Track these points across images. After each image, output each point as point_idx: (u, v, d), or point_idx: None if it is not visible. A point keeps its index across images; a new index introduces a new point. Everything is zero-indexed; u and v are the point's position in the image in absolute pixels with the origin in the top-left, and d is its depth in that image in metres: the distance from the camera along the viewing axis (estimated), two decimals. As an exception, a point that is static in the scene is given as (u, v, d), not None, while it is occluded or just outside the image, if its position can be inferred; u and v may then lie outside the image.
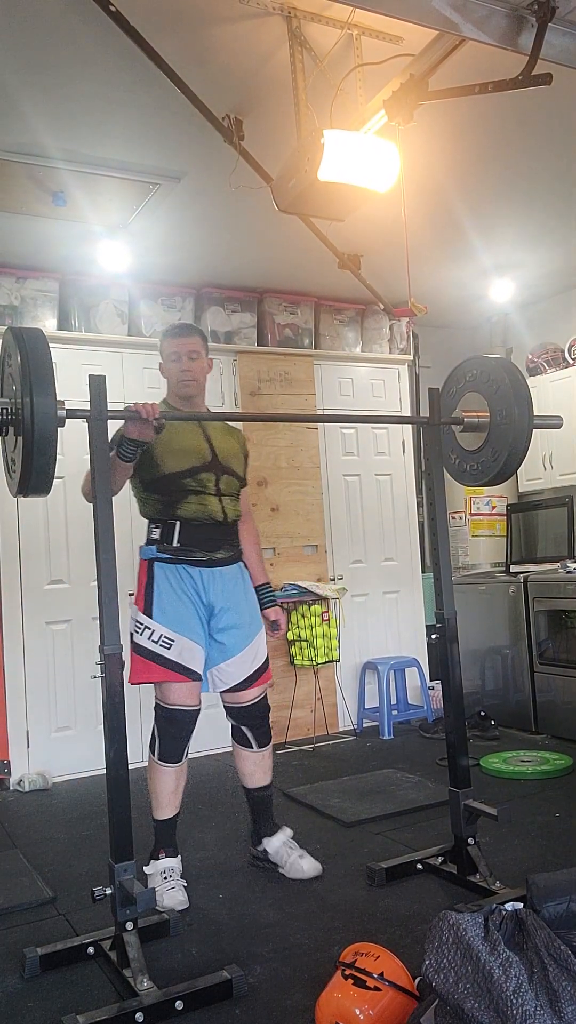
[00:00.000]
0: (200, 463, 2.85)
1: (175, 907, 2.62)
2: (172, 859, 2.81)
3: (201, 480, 2.84)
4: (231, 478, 2.93)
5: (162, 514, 2.84)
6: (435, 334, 6.03)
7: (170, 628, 2.77)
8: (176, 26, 2.57)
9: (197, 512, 2.82)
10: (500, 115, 3.18)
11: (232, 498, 2.93)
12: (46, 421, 2.06)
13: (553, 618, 4.72)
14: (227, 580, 2.88)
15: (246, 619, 2.91)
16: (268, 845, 2.95)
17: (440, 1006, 1.76)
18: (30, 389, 2.05)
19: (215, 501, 2.85)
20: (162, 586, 2.80)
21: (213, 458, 2.89)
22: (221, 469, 2.89)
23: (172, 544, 2.81)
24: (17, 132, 3.11)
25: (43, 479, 2.14)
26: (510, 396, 2.74)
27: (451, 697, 2.84)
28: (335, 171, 2.62)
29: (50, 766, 4.29)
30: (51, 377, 2.10)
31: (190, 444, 2.87)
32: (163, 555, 2.82)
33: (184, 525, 2.81)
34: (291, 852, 2.92)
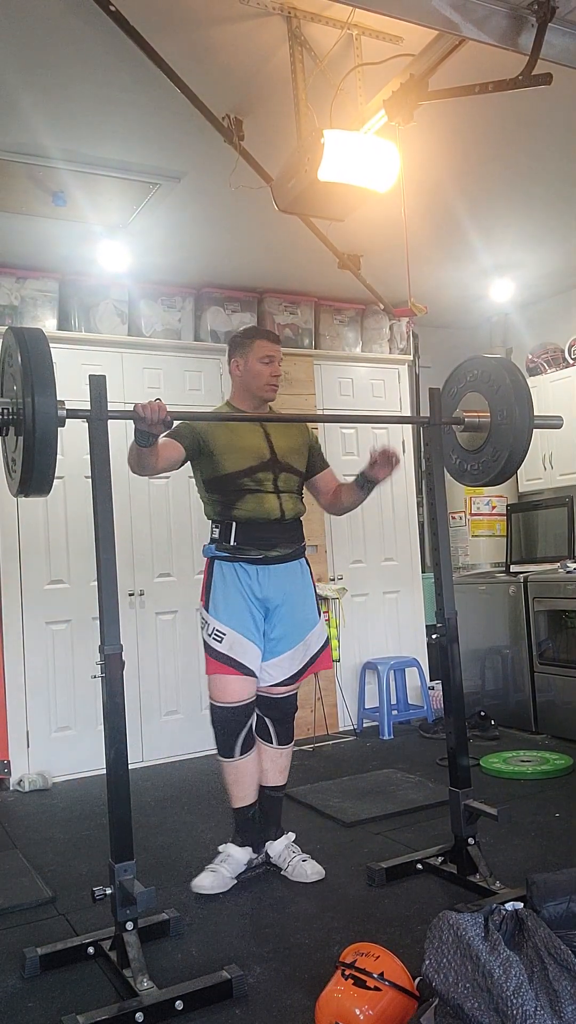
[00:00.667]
0: (258, 462, 2.89)
1: (197, 888, 2.77)
2: (236, 848, 2.90)
3: (259, 479, 2.88)
4: (290, 475, 2.96)
5: (221, 515, 2.91)
6: (435, 334, 6.03)
7: (222, 623, 2.86)
8: (176, 26, 2.57)
9: (254, 511, 2.87)
10: (500, 115, 3.18)
11: (292, 495, 2.97)
12: (46, 421, 2.06)
13: (553, 618, 4.72)
14: (283, 576, 2.92)
15: (300, 617, 2.95)
16: (271, 848, 2.95)
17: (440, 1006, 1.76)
18: (31, 389, 2.05)
19: (273, 499, 2.90)
20: (219, 583, 2.90)
21: (272, 456, 2.92)
22: (280, 467, 2.93)
23: (229, 543, 2.88)
24: (17, 132, 3.11)
25: (43, 479, 2.14)
26: (511, 396, 2.74)
27: (451, 697, 2.84)
28: (335, 171, 2.61)
29: (50, 766, 4.29)
30: (52, 377, 2.10)
31: (250, 443, 2.91)
32: (221, 553, 2.90)
33: (240, 524, 2.87)
34: (294, 855, 2.92)
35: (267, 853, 2.96)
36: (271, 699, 2.96)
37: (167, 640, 4.65)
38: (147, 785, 4.03)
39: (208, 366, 4.87)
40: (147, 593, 4.62)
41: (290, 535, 2.95)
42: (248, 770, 2.91)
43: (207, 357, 4.87)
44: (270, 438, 2.95)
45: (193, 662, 4.68)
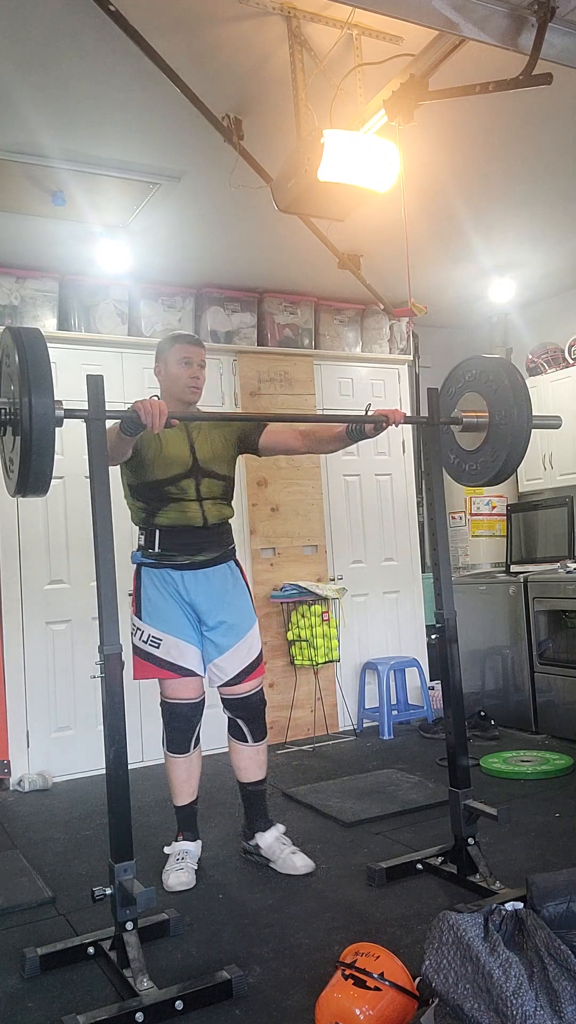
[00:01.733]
0: (182, 470, 2.90)
1: (175, 887, 2.80)
2: (189, 843, 2.98)
3: (181, 487, 2.90)
4: (213, 481, 2.95)
5: (145, 522, 2.95)
6: (435, 334, 6.03)
7: (157, 628, 2.91)
8: (176, 26, 2.57)
9: (177, 519, 2.90)
10: (500, 115, 3.18)
11: (216, 501, 2.96)
12: (44, 421, 2.06)
13: (553, 618, 4.72)
14: (211, 580, 2.95)
15: (235, 616, 2.98)
16: (261, 840, 2.98)
17: (440, 1006, 1.76)
18: (28, 389, 2.04)
19: (195, 507, 2.91)
20: (149, 589, 2.94)
21: (193, 463, 2.92)
22: (202, 473, 2.93)
23: (154, 549, 2.92)
24: (16, 132, 3.11)
25: (41, 479, 2.14)
26: (509, 396, 2.74)
27: (451, 697, 2.84)
28: (335, 171, 2.61)
29: (50, 766, 4.29)
30: (49, 377, 2.09)
31: (175, 452, 2.90)
32: (147, 560, 2.95)
33: (164, 531, 2.90)
34: (284, 848, 2.95)
35: (257, 844, 2.99)
36: (237, 699, 2.98)
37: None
38: (147, 785, 4.02)
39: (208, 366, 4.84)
40: (147, 593, 4.61)
41: (216, 540, 2.97)
42: (198, 764, 3.03)
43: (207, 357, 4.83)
44: (193, 446, 2.94)
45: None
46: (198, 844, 3.01)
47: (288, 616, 4.88)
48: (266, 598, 4.82)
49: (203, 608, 2.94)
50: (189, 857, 2.94)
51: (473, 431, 2.88)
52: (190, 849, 2.97)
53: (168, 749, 3.00)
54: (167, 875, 2.86)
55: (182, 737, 2.97)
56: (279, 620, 4.89)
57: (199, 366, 2.99)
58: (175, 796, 3.03)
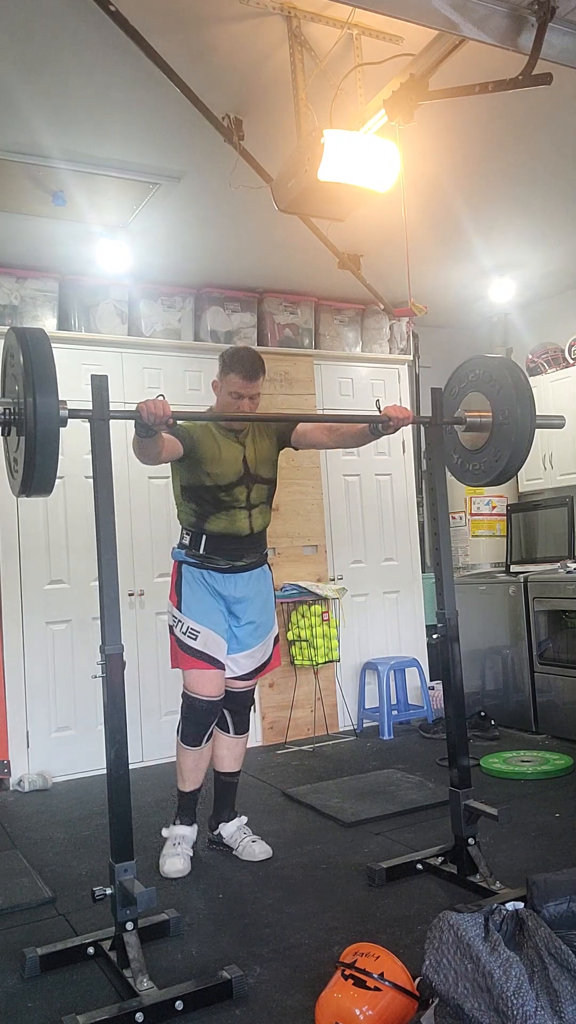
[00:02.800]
0: (235, 477, 2.98)
1: (171, 874, 2.91)
2: (186, 827, 3.10)
3: (234, 494, 2.98)
4: (261, 486, 3.06)
5: (194, 525, 3.04)
6: (435, 334, 6.02)
7: (196, 621, 3.03)
8: (176, 26, 2.57)
9: (225, 528, 3.00)
10: (500, 115, 3.18)
11: (262, 507, 3.08)
12: (48, 421, 2.06)
13: (553, 618, 4.72)
14: (248, 582, 3.10)
15: (263, 617, 3.14)
16: (223, 829, 3.14)
17: (440, 1006, 1.76)
18: (32, 389, 2.05)
19: (243, 516, 3.01)
20: (188, 584, 3.07)
21: (245, 470, 3.00)
22: (252, 479, 3.02)
23: (199, 551, 3.03)
24: (17, 132, 3.11)
25: (46, 479, 2.15)
26: (512, 396, 2.75)
27: (451, 697, 2.84)
28: (335, 171, 2.61)
29: (50, 766, 4.29)
30: (54, 377, 2.10)
31: (229, 456, 2.97)
32: (190, 560, 3.07)
33: (211, 537, 3.00)
34: (244, 836, 3.10)
35: (220, 834, 3.14)
36: (231, 693, 3.12)
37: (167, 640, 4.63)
38: (147, 785, 4.03)
39: (208, 366, 4.86)
40: (147, 593, 4.61)
41: (257, 546, 3.12)
42: (207, 757, 3.14)
43: (207, 357, 4.86)
44: (245, 451, 3.01)
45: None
46: (194, 829, 3.13)
47: (288, 616, 4.88)
48: (266, 598, 4.82)
49: (238, 607, 3.08)
50: (185, 843, 3.06)
51: (476, 431, 2.88)
52: (186, 834, 3.08)
53: (181, 739, 3.09)
54: (164, 860, 2.98)
55: (196, 731, 3.06)
56: (279, 620, 4.88)
57: (250, 399, 2.98)
58: (181, 782, 3.13)
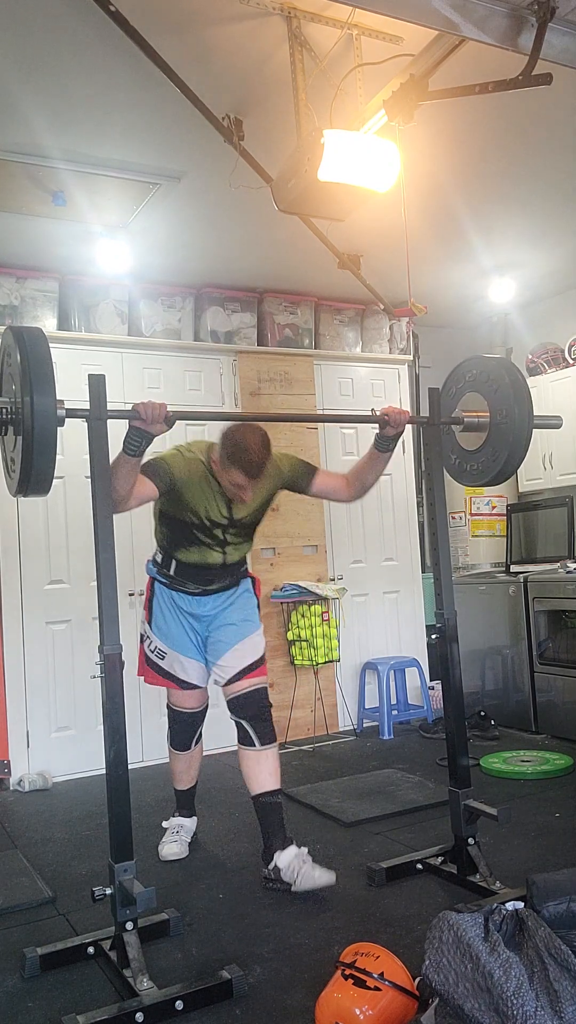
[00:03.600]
0: (211, 522, 2.86)
1: (169, 857, 3.08)
2: (185, 818, 3.28)
3: (210, 533, 2.89)
4: (241, 530, 2.95)
5: (165, 550, 3.00)
6: (435, 334, 6.02)
7: (163, 642, 3.06)
8: (176, 26, 2.57)
9: (196, 560, 2.94)
10: (500, 115, 3.18)
11: (238, 545, 2.97)
12: (46, 420, 2.06)
13: (553, 618, 4.72)
14: (219, 598, 3.05)
15: (238, 617, 3.05)
16: (279, 860, 2.76)
17: (440, 1006, 1.76)
18: (30, 388, 2.05)
19: (217, 552, 2.93)
20: (159, 602, 3.08)
21: (229, 520, 2.89)
22: (233, 524, 2.91)
23: (169, 572, 3.01)
24: (17, 132, 3.11)
25: (43, 479, 2.14)
26: (510, 396, 2.75)
27: (451, 697, 2.84)
28: (335, 171, 2.61)
29: (50, 766, 4.29)
30: (51, 376, 2.09)
31: (211, 508, 2.84)
32: (161, 578, 3.06)
33: (181, 564, 2.96)
34: (303, 864, 2.73)
35: (276, 867, 2.76)
36: (239, 697, 2.90)
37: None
38: (147, 785, 4.02)
39: (208, 366, 4.87)
40: (147, 593, 4.61)
41: (231, 572, 3.03)
42: (198, 757, 3.27)
43: (207, 357, 4.87)
44: (230, 507, 2.86)
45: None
46: (193, 820, 3.30)
47: (288, 616, 4.88)
48: (266, 598, 4.82)
49: (210, 620, 3.05)
50: (184, 831, 3.22)
51: (474, 431, 2.88)
52: (185, 824, 3.26)
53: (171, 745, 3.23)
54: (162, 846, 3.14)
55: (183, 737, 3.19)
56: (279, 620, 4.89)
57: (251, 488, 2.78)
58: (176, 782, 3.29)
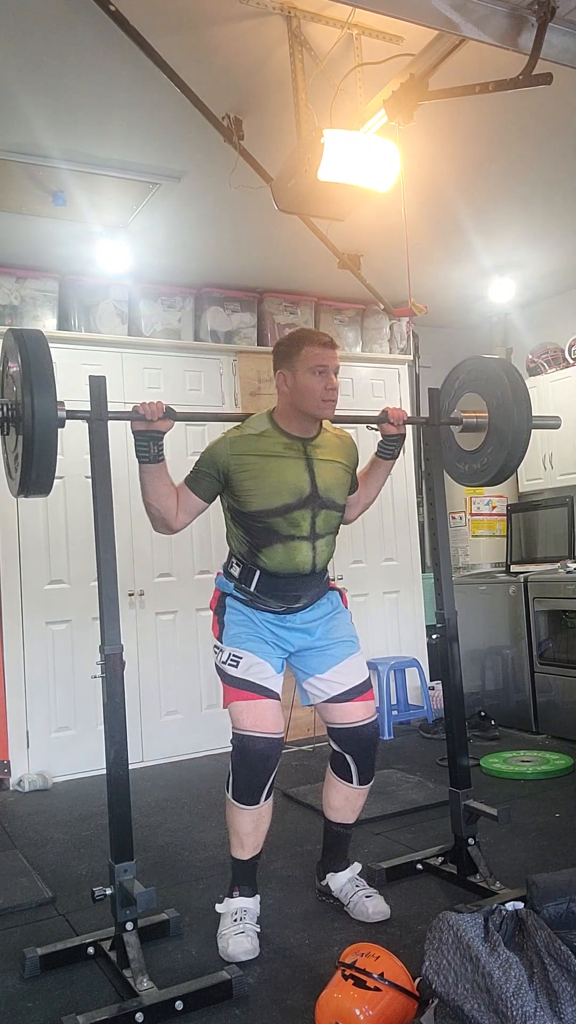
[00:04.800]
0: (295, 499, 2.46)
1: (240, 956, 2.30)
2: (248, 899, 2.49)
3: (294, 520, 2.46)
4: (330, 513, 2.54)
5: (246, 557, 2.53)
6: (435, 334, 6.02)
7: (236, 646, 2.51)
8: (176, 26, 2.57)
9: (283, 563, 2.47)
10: (501, 115, 3.18)
11: (328, 538, 2.56)
12: (46, 421, 2.07)
13: (553, 618, 4.71)
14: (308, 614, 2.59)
15: (343, 633, 2.62)
16: (332, 881, 2.63)
17: (440, 1007, 1.76)
18: (30, 390, 2.05)
19: (307, 549, 2.49)
20: (234, 617, 2.56)
21: (312, 491, 2.49)
22: (320, 504, 2.50)
23: (249, 589, 2.52)
24: (17, 132, 3.11)
25: (44, 479, 2.15)
26: (508, 396, 2.74)
27: (451, 697, 2.84)
28: (335, 171, 2.61)
29: (50, 766, 4.29)
30: (51, 378, 2.10)
31: (287, 476, 2.47)
32: (238, 595, 2.56)
33: (264, 575, 2.49)
34: (357, 890, 2.57)
35: (328, 885, 2.64)
36: (349, 729, 2.55)
37: (167, 640, 4.65)
38: (147, 785, 4.02)
39: (208, 366, 4.87)
40: (147, 593, 4.61)
41: (317, 585, 2.58)
42: (268, 816, 2.51)
43: (207, 357, 4.87)
44: (313, 468, 2.50)
45: (193, 662, 4.68)
46: (256, 900, 2.51)
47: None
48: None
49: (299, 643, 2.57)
50: (248, 917, 2.44)
51: (473, 431, 2.87)
52: (248, 907, 2.47)
53: (233, 796, 2.44)
54: (224, 940, 2.37)
55: (251, 783, 2.41)
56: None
57: (335, 372, 2.50)
58: (235, 848, 2.50)
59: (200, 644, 4.68)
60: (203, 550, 4.73)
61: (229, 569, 2.59)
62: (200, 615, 4.71)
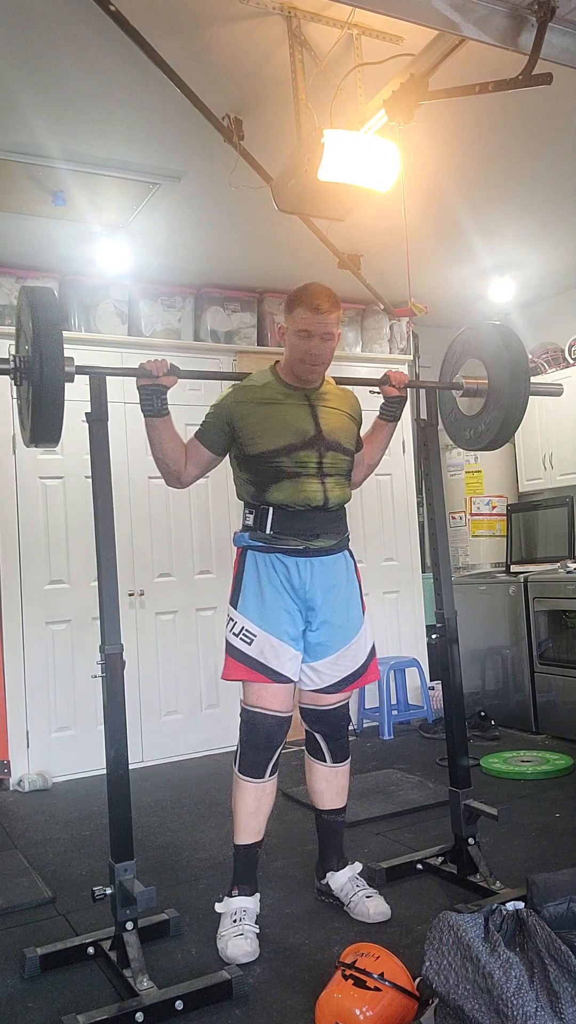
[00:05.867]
0: (299, 439, 2.48)
1: (239, 959, 2.29)
2: (247, 898, 2.47)
3: (300, 459, 2.48)
4: (338, 455, 2.55)
5: (255, 498, 2.53)
6: (435, 334, 6.01)
7: (253, 622, 2.49)
8: (176, 26, 2.57)
9: (291, 497, 2.48)
10: (500, 115, 3.18)
11: (339, 479, 2.56)
12: (53, 372, 2.13)
13: (553, 618, 4.71)
14: (328, 571, 2.56)
15: (343, 617, 2.60)
16: (332, 880, 2.62)
17: (440, 1007, 1.76)
18: (39, 345, 2.13)
19: (315, 484, 2.49)
20: (251, 577, 2.52)
21: (317, 433, 2.51)
22: (326, 445, 2.51)
23: (265, 531, 2.49)
24: (17, 132, 3.11)
25: (51, 429, 2.20)
26: (506, 362, 2.71)
27: (451, 697, 2.85)
28: (335, 171, 2.62)
29: (50, 766, 4.29)
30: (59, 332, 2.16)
31: (289, 417, 2.51)
32: (256, 543, 2.52)
33: (278, 511, 2.48)
34: (358, 890, 2.57)
35: (328, 885, 2.64)
36: (319, 711, 2.60)
37: (167, 640, 4.65)
38: (147, 785, 4.02)
39: (208, 366, 4.86)
40: (147, 593, 4.61)
41: (335, 524, 2.58)
42: (271, 796, 2.53)
43: (207, 357, 4.87)
44: (316, 413, 2.54)
45: (193, 662, 4.68)
46: (256, 899, 2.49)
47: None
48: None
49: (314, 602, 2.53)
50: (247, 917, 2.41)
51: (473, 396, 2.84)
52: (248, 907, 2.45)
53: (239, 770, 2.50)
54: (223, 942, 2.35)
55: (258, 757, 2.48)
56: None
57: (321, 339, 2.47)
58: (237, 832, 2.51)
59: (200, 644, 4.68)
60: (203, 550, 4.73)
61: (245, 522, 2.58)
62: (200, 615, 4.71)
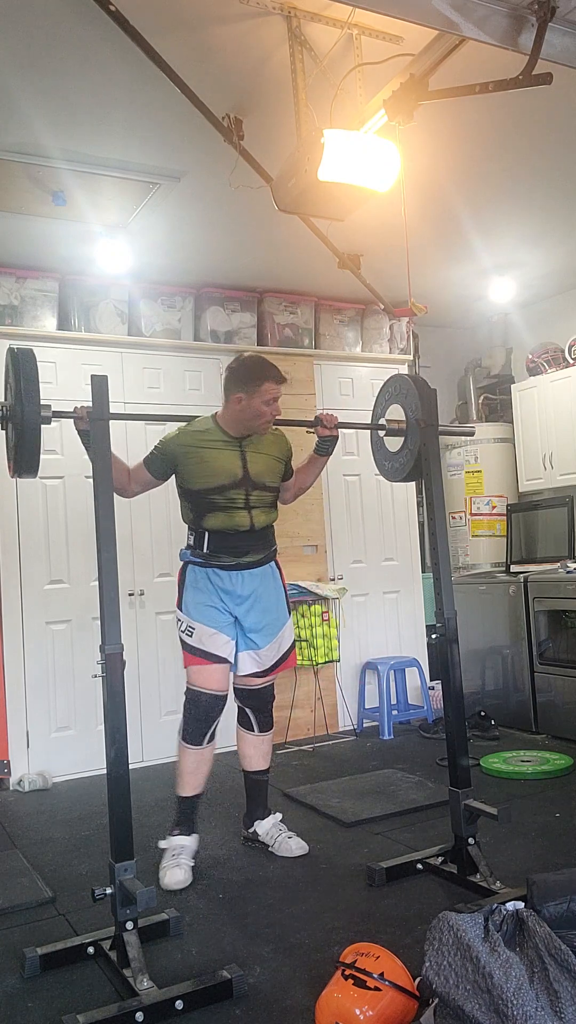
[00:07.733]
0: (229, 481, 3.01)
1: (172, 886, 2.82)
2: (186, 837, 3.01)
3: (230, 496, 3.02)
4: (263, 492, 3.09)
5: (194, 523, 3.09)
6: (435, 334, 6.02)
7: (192, 618, 3.06)
8: (176, 26, 2.57)
9: (223, 524, 3.03)
10: (501, 115, 3.18)
11: (264, 509, 3.11)
12: (32, 419, 2.46)
13: (553, 618, 4.72)
14: (256, 579, 3.11)
15: (270, 616, 3.14)
16: (259, 827, 3.16)
17: (440, 1007, 1.76)
18: (20, 397, 2.46)
19: (243, 514, 3.04)
20: (191, 586, 3.10)
21: (244, 475, 3.04)
22: (252, 485, 3.06)
23: (203, 550, 3.06)
24: (17, 132, 3.11)
25: (31, 462, 2.53)
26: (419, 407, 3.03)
27: (451, 697, 2.85)
28: (335, 171, 2.61)
29: (50, 766, 4.29)
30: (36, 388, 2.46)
31: (223, 465, 3.02)
32: (196, 559, 3.09)
33: (213, 534, 3.04)
34: (280, 833, 3.13)
35: (255, 831, 3.17)
36: (249, 690, 3.16)
37: (167, 640, 4.64)
38: (147, 785, 4.03)
39: (208, 366, 4.87)
40: (147, 593, 4.62)
41: (261, 542, 3.13)
42: (208, 760, 3.07)
43: (207, 357, 4.87)
44: (246, 460, 3.06)
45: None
46: (195, 839, 3.03)
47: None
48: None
49: (245, 604, 3.08)
50: (185, 853, 2.96)
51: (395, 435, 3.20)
52: (186, 844, 2.99)
53: (182, 738, 3.05)
54: (163, 872, 2.88)
55: (197, 728, 3.02)
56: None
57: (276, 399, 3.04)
58: (179, 786, 3.07)
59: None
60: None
61: (188, 541, 3.13)
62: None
